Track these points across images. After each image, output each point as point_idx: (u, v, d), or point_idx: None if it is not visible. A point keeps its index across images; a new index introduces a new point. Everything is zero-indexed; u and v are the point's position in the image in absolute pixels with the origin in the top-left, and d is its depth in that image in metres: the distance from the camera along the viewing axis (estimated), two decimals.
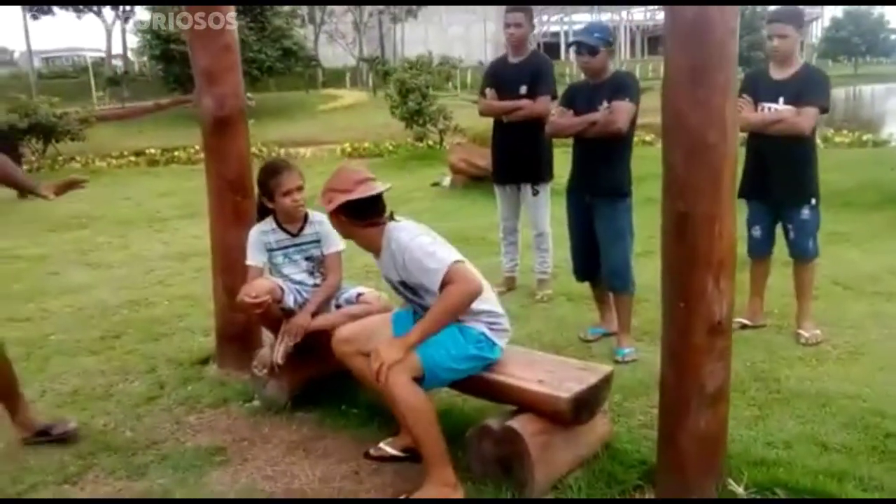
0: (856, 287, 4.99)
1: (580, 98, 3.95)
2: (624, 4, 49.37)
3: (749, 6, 32.55)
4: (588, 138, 3.86)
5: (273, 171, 3.31)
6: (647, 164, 4.48)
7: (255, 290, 3.20)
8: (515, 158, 4.85)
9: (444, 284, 2.55)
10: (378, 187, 2.73)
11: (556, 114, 4.09)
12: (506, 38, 4.91)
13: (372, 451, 2.96)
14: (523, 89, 4.72)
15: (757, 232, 4.20)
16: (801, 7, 4.66)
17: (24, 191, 3.14)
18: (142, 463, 2.97)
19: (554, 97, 4.67)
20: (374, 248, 2.79)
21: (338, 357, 2.93)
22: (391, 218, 2.79)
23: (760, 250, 4.24)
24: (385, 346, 2.56)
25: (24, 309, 5.13)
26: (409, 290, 2.78)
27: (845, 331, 4.16)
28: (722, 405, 2.42)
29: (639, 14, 55.78)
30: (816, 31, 55.53)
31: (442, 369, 2.65)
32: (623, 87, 3.80)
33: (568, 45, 5.06)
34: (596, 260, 4.03)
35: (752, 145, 4.11)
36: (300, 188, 3.28)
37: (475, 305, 2.66)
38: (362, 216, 2.73)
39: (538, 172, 4.87)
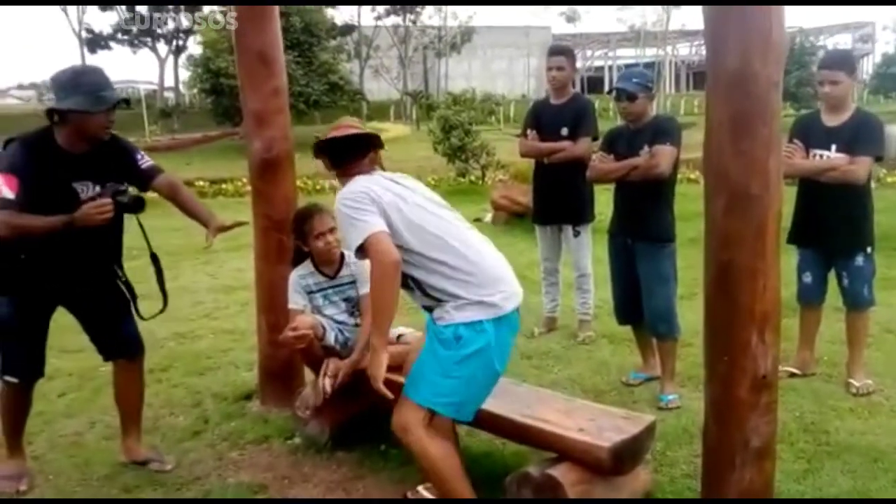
0: None
1: (621, 142, 3.96)
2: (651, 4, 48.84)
3: (797, 42, 32.29)
4: (630, 182, 3.86)
5: (305, 215, 3.39)
6: (691, 202, 4.46)
7: (298, 324, 3.25)
8: (557, 199, 4.86)
9: (363, 254, 2.43)
10: (350, 131, 2.68)
11: (597, 158, 4.10)
12: (548, 81, 4.97)
13: (409, 494, 2.95)
14: (564, 131, 4.74)
15: (808, 278, 4.11)
16: (852, 54, 4.61)
17: (200, 222, 3.25)
18: (185, 498, 3.01)
19: (595, 139, 4.70)
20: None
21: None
22: (375, 169, 2.70)
23: (811, 297, 4.14)
24: (371, 370, 2.50)
25: (76, 340, 5.22)
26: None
27: None
28: (768, 461, 2.37)
29: (684, 49, 55.64)
30: (867, 68, 54.61)
31: (443, 401, 2.48)
32: (664, 131, 3.80)
33: (608, 92, 5.06)
34: (638, 303, 3.98)
35: (803, 191, 4.04)
36: (332, 230, 3.33)
37: (434, 283, 2.47)
38: (337, 161, 2.69)
39: (579, 213, 4.87)
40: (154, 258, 3.26)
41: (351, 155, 2.68)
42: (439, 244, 2.48)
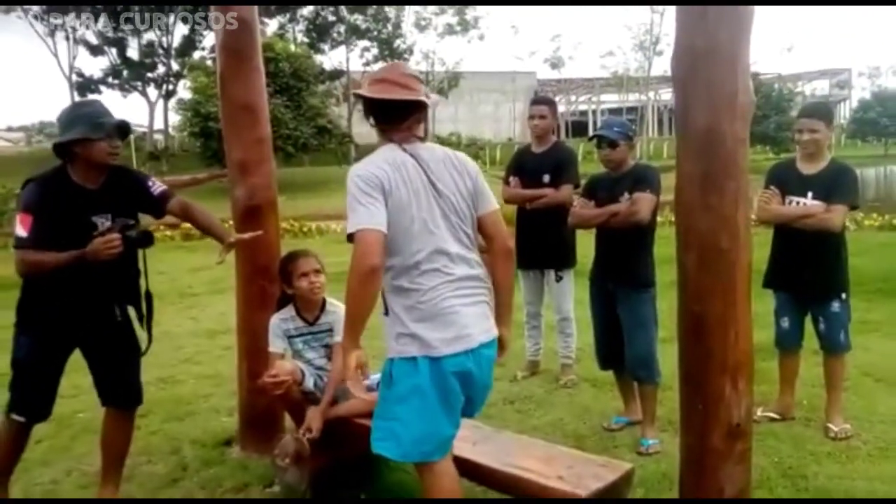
0: (887, 379, 4.88)
1: (601, 189, 4.03)
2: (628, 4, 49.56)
3: (776, 88, 33.02)
4: (611, 228, 3.93)
5: (291, 257, 3.48)
6: (672, 245, 4.50)
7: (277, 370, 3.27)
8: (539, 244, 4.90)
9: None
10: (395, 93, 2.39)
11: (578, 205, 4.18)
12: (530, 129, 5.07)
13: None
14: (546, 178, 4.85)
15: (785, 323, 4.16)
16: (829, 105, 4.75)
17: (216, 238, 3.34)
18: (186, 498, 2.99)
19: (576, 186, 4.78)
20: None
21: None
22: (406, 140, 2.44)
23: (789, 342, 4.19)
24: (344, 373, 2.38)
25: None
26: None
27: (876, 426, 4.06)
28: None
29: (666, 94, 56.65)
30: (844, 112, 55.82)
31: (384, 444, 2.44)
32: (644, 179, 3.88)
33: (589, 139, 5.16)
34: (619, 348, 4.02)
35: (779, 236, 4.12)
36: (317, 272, 3.40)
37: (395, 306, 2.36)
38: (378, 120, 2.45)
39: (562, 258, 4.93)
40: (148, 296, 3.24)
41: (392, 117, 2.42)
42: (408, 253, 2.35)
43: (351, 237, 2.28)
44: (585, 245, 4.74)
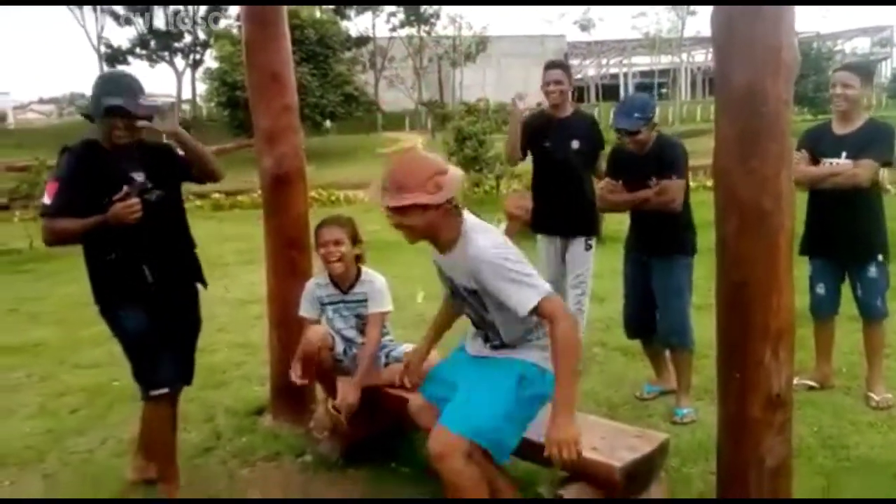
0: None
1: (627, 169, 3.91)
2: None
3: (814, 47, 32.07)
4: (643, 188, 3.84)
5: (319, 224, 3.41)
6: (708, 210, 4.36)
7: (309, 335, 3.26)
8: (563, 212, 4.71)
9: (536, 313, 2.33)
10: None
11: (605, 188, 4.06)
12: (546, 97, 4.79)
13: None
14: (575, 144, 4.63)
15: (821, 289, 4.06)
16: (870, 63, 4.59)
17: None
18: (188, 498, 3.01)
19: (601, 147, 4.65)
20: (449, 243, 2.49)
21: (419, 426, 2.84)
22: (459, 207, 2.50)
23: (825, 310, 4.09)
24: (556, 430, 2.30)
25: (91, 354, 5.30)
26: (474, 299, 2.54)
27: None
28: (783, 479, 2.33)
29: (699, 55, 55.37)
30: (886, 72, 54.13)
31: (499, 436, 2.46)
32: (670, 163, 3.75)
33: (612, 127, 4.95)
34: (649, 318, 3.96)
35: (813, 201, 4.00)
36: (337, 242, 3.31)
37: (530, 324, 2.51)
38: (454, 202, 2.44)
39: (590, 226, 4.77)
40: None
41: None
42: None
43: (534, 311, 2.33)
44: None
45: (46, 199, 2.86)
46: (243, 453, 3.59)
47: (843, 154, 3.82)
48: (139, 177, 2.94)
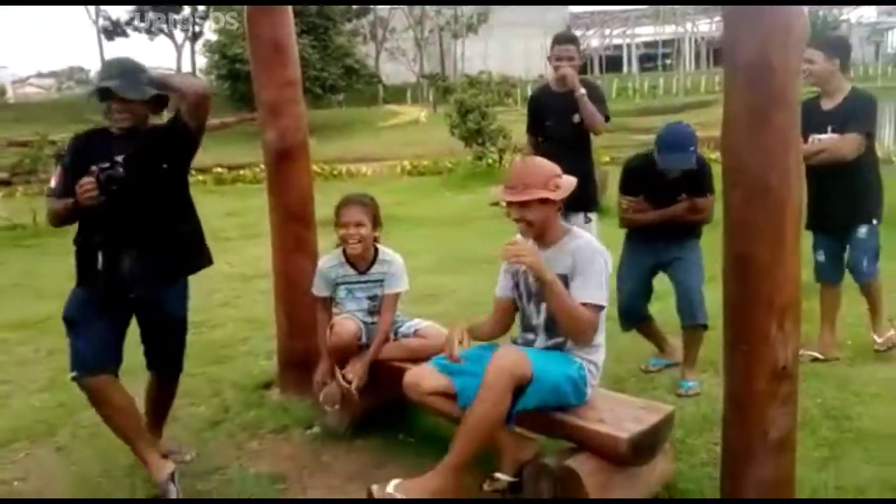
0: None
1: (652, 185, 3.85)
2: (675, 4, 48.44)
3: (819, 15, 31.69)
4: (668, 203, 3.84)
5: (341, 201, 3.40)
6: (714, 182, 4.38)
7: (340, 329, 3.29)
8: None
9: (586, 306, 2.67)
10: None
11: (627, 204, 3.98)
12: (555, 71, 4.71)
13: (486, 486, 2.90)
14: (576, 118, 4.59)
15: (821, 256, 4.15)
16: (840, 37, 4.62)
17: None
18: (206, 489, 3.05)
19: (607, 119, 4.60)
20: (555, 237, 2.82)
21: (413, 401, 2.92)
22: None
23: (826, 276, 4.17)
24: (524, 246, 2.69)
25: None
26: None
27: None
28: (788, 452, 2.35)
29: (704, 25, 54.77)
30: (893, 41, 53.51)
31: (545, 387, 2.65)
32: (700, 180, 3.75)
33: (663, 168, 4.75)
34: (644, 304, 4.07)
35: (808, 176, 4.02)
36: (358, 224, 3.30)
37: (594, 348, 2.81)
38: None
39: (590, 200, 4.77)
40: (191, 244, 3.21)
41: None
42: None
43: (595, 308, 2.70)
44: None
45: (52, 182, 3.02)
46: (251, 426, 3.63)
47: (829, 128, 3.90)
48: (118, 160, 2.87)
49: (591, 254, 2.72)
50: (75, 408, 3.87)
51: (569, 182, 2.77)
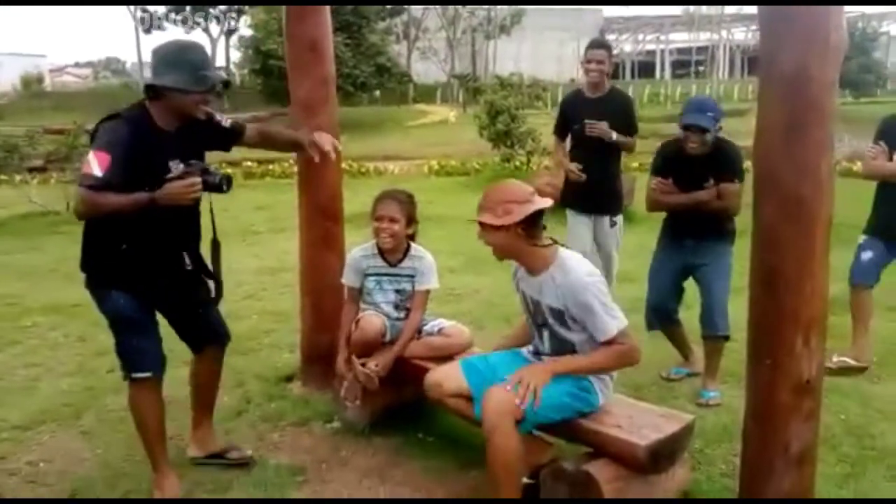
0: None
1: (680, 169, 3.83)
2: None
3: (859, 27, 31.21)
4: (695, 188, 3.78)
5: (379, 195, 3.45)
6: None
7: (366, 326, 3.34)
8: (592, 190, 4.83)
9: (610, 342, 2.62)
10: (548, 200, 2.73)
11: (656, 186, 3.93)
12: (586, 75, 4.82)
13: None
14: (606, 124, 4.66)
15: (867, 255, 4.12)
16: None
17: (292, 149, 3.26)
18: (227, 478, 3.09)
19: (635, 132, 4.78)
20: (537, 267, 2.73)
21: (432, 400, 2.94)
22: (555, 242, 2.78)
23: (865, 277, 4.14)
24: (528, 371, 2.65)
25: None
26: (557, 319, 2.74)
27: None
28: (808, 467, 2.34)
29: (739, 33, 54.17)
30: None
31: (541, 413, 2.62)
32: (729, 166, 3.69)
33: (683, 128, 4.77)
34: (674, 307, 4.02)
35: (884, 192, 4.06)
36: (392, 219, 3.33)
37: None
38: (537, 231, 2.71)
39: (615, 204, 4.92)
40: (216, 244, 3.02)
41: (542, 225, 2.74)
42: None
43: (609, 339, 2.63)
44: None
45: (96, 171, 2.57)
46: (273, 418, 3.67)
47: None
48: (177, 164, 2.75)
49: (583, 289, 2.62)
50: (102, 392, 3.96)
51: (525, 208, 2.63)
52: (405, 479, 3.09)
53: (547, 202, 2.69)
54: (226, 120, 3.07)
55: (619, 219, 4.96)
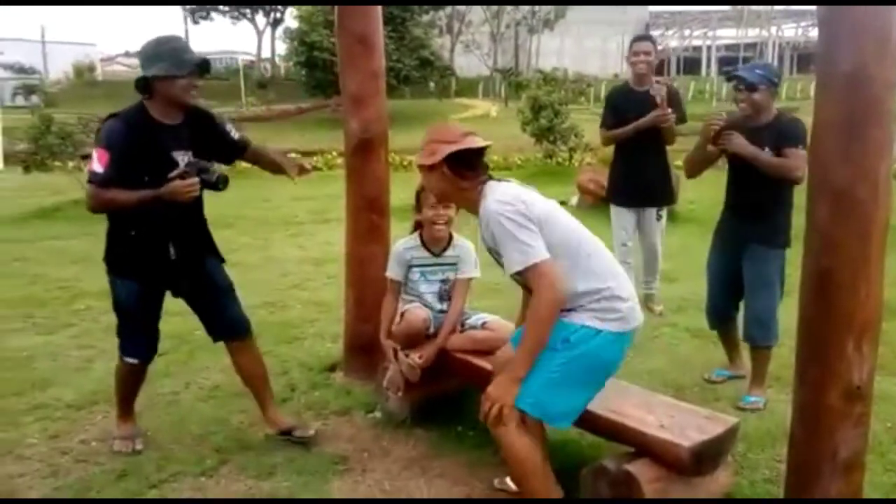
0: None
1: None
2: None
3: None
4: (754, 182, 3.64)
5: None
6: (797, 194, 4.30)
7: (413, 319, 3.39)
8: (639, 183, 4.87)
9: (527, 286, 2.44)
10: (481, 141, 2.61)
11: (714, 121, 3.72)
12: (632, 68, 4.88)
13: (496, 483, 2.97)
14: (664, 90, 4.70)
15: None
16: None
17: (275, 171, 3.35)
18: (271, 463, 3.16)
19: (684, 120, 4.86)
20: (474, 211, 2.59)
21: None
22: (491, 178, 2.62)
23: None
24: (494, 387, 2.47)
25: (175, 303, 5.53)
26: (498, 262, 2.59)
27: None
28: (857, 473, 2.30)
29: (789, 30, 52.96)
30: None
31: (546, 400, 2.45)
32: (792, 134, 3.53)
33: (727, 79, 4.77)
34: (733, 306, 3.91)
35: None
36: (446, 206, 3.37)
37: (579, 288, 2.46)
38: (466, 171, 2.56)
39: (663, 196, 4.94)
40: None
41: (477, 165, 2.60)
42: (578, 253, 2.50)
43: (520, 273, 2.38)
44: (696, 189, 4.59)
45: (98, 167, 2.84)
46: (316, 406, 3.74)
47: None
48: (183, 156, 2.96)
49: (490, 219, 2.43)
50: (153, 375, 4.03)
51: (447, 148, 2.53)
52: (444, 471, 3.12)
53: (474, 142, 2.58)
54: (235, 132, 3.24)
55: (665, 212, 5.00)
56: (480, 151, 2.61)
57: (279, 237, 8.24)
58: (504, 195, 2.47)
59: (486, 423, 2.52)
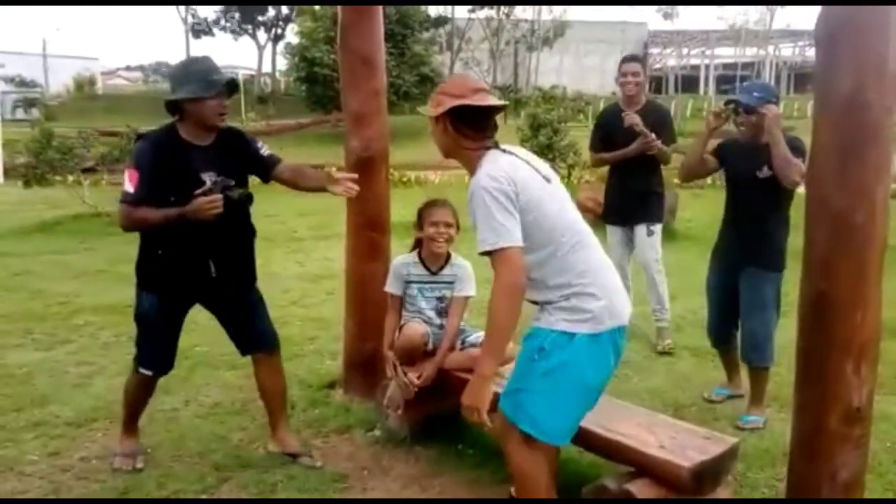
0: None
1: (740, 161, 3.76)
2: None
3: None
4: (751, 203, 3.70)
5: (430, 203, 3.51)
6: (793, 213, 4.33)
7: (411, 334, 3.41)
8: (630, 201, 4.89)
9: (492, 260, 2.25)
10: (493, 100, 2.44)
11: (716, 108, 3.82)
12: (622, 89, 4.90)
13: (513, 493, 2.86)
14: (638, 119, 4.71)
15: None
16: None
17: (317, 190, 3.27)
18: (271, 482, 3.15)
19: (673, 142, 4.86)
20: (471, 172, 2.43)
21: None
22: (496, 146, 2.45)
23: None
24: (465, 395, 2.33)
25: None
26: None
27: None
28: (856, 493, 2.31)
29: (787, 50, 53.33)
30: None
31: (540, 418, 2.34)
32: (793, 147, 3.54)
33: (725, 103, 4.77)
34: (734, 326, 3.92)
35: None
36: (448, 224, 3.40)
37: (550, 281, 2.34)
38: (469, 130, 2.41)
39: (652, 212, 4.97)
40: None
41: (486, 125, 2.43)
42: (561, 244, 2.34)
43: (486, 253, 2.25)
44: (694, 208, 4.61)
45: (129, 187, 2.94)
46: (315, 424, 3.73)
47: None
48: (212, 176, 2.97)
49: (471, 195, 2.29)
50: (154, 392, 4.05)
51: (450, 100, 2.39)
52: (444, 490, 3.12)
53: (484, 100, 2.39)
54: (264, 149, 3.26)
55: (657, 228, 4.96)
56: (488, 111, 2.43)
57: (280, 253, 8.25)
58: (497, 170, 2.30)
59: (488, 429, 2.46)
